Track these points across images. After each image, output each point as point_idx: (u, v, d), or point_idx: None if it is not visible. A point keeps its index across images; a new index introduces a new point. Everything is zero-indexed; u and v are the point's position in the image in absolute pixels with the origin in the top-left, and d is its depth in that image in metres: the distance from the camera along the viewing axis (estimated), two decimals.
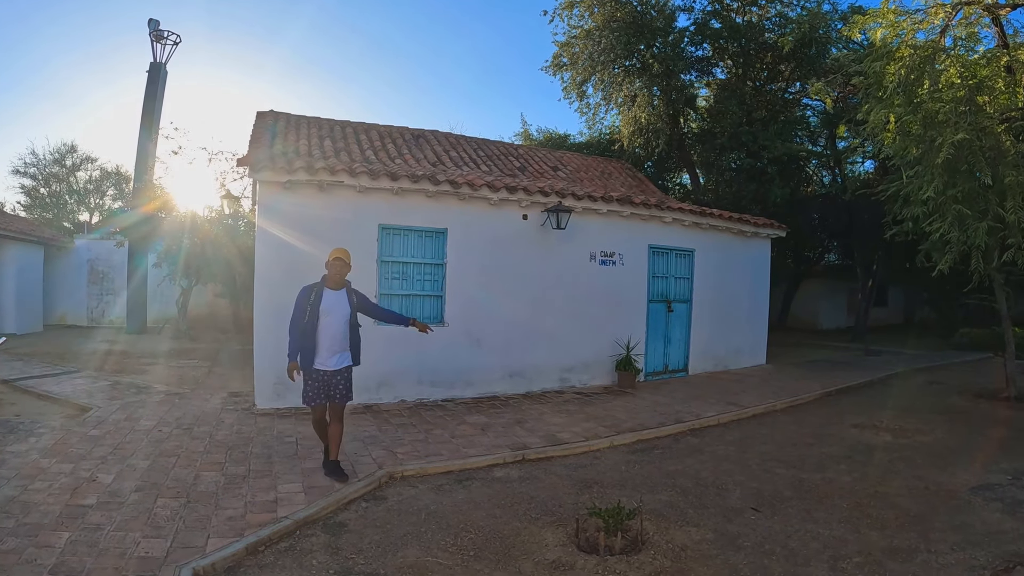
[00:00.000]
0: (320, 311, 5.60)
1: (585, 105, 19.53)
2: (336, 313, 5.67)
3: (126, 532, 4.33)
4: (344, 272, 5.81)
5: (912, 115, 8.32)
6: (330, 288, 5.75)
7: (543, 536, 4.66)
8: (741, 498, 5.58)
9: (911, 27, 8.38)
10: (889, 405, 10.07)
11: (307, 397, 5.71)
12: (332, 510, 4.99)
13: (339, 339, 5.70)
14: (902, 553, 4.41)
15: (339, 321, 5.69)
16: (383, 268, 9.13)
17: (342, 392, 5.72)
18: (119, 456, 6.07)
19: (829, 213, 20.22)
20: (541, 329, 10.30)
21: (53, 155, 29.62)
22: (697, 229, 12.35)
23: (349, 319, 5.76)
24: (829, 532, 4.78)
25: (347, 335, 5.77)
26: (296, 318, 5.65)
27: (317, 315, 5.59)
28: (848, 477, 6.21)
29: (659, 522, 4.92)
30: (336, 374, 5.68)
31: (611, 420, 8.38)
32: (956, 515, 5.18)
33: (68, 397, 8.71)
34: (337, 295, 5.75)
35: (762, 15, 18.38)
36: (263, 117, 12.23)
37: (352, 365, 5.85)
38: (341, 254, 5.80)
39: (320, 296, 5.65)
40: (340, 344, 5.71)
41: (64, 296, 18.83)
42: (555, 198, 10.04)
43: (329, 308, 5.65)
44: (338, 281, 5.80)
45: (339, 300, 5.73)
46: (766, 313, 14.41)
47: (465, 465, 6.30)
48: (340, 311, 5.70)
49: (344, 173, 8.61)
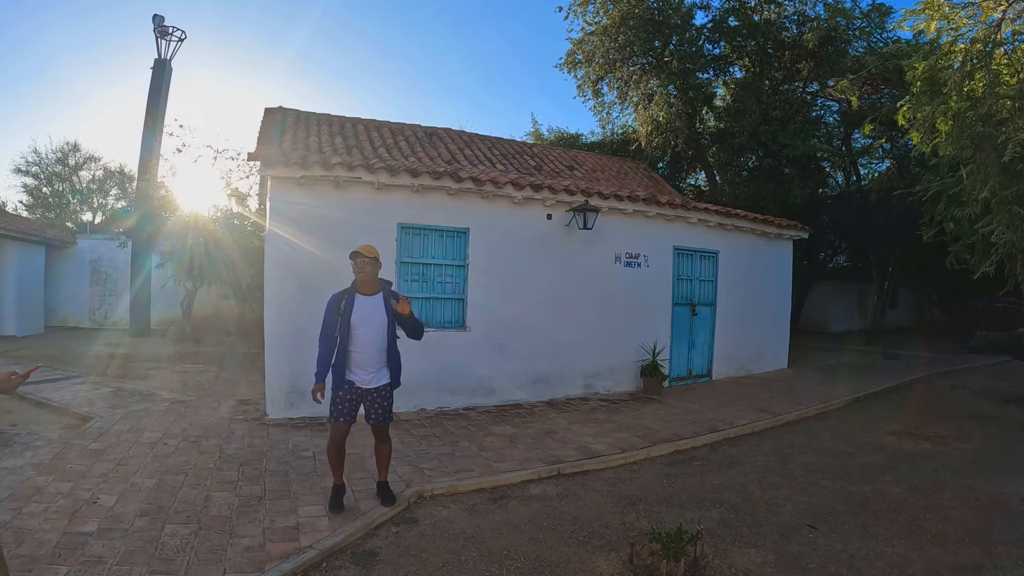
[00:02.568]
0: (351, 322, 4.80)
1: (600, 103, 19.28)
2: (371, 323, 4.84)
3: (131, 566, 3.86)
4: (372, 272, 4.90)
5: (973, 111, 7.88)
6: (362, 294, 4.91)
7: (595, 563, 4.26)
8: (794, 514, 5.30)
9: (965, 20, 7.93)
10: (919, 411, 9.89)
11: (332, 411, 4.91)
12: (360, 536, 4.53)
13: (374, 354, 4.88)
14: (969, 570, 4.27)
15: (375, 333, 4.86)
16: (402, 270, 8.69)
17: (379, 413, 4.93)
18: (122, 473, 5.61)
19: (844, 214, 19.86)
20: (565, 333, 9.88)
21: (56, 154, 29.30)
22: (721, 230, 11.94)
23: (387, 329, 4.91)
24: (892, 550, 4.55)
25: (384, 349, 4.93)
26: (324, 332, 4.88)
27: (348, 326, 4.80)
28: (897, 488, 5.99)
29: (715, 543, 4.59)
30: (373, 392, 4.90)
31: (643, 430, 7.95)
32: (1013, 527, 5.03)
33: (68, 405, 8.25)
34: (372, 301, 4.90)
35: (780, 13, 18.06)
36: (272, 113, 11.84)
37: (390, 384, 5.03)
38: (363, 250, 4.86)
39: (351, 304, 4.84)
40: (377, 360, 4.90)
41: (66, 297, 18.47)
42: (580, 197, 9.62)
43: (362, 318, 4.82)
44: (370, 284, 4.92)
45: (374, 307, 4.88)
46: (788, 316, 14.05)
47: (498, 482, 5.85)
48: (375, 321, 4.86)
49: (362, 169, 8.17)
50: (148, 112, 17.48)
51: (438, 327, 8.95)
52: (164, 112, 17.65)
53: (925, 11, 8.05)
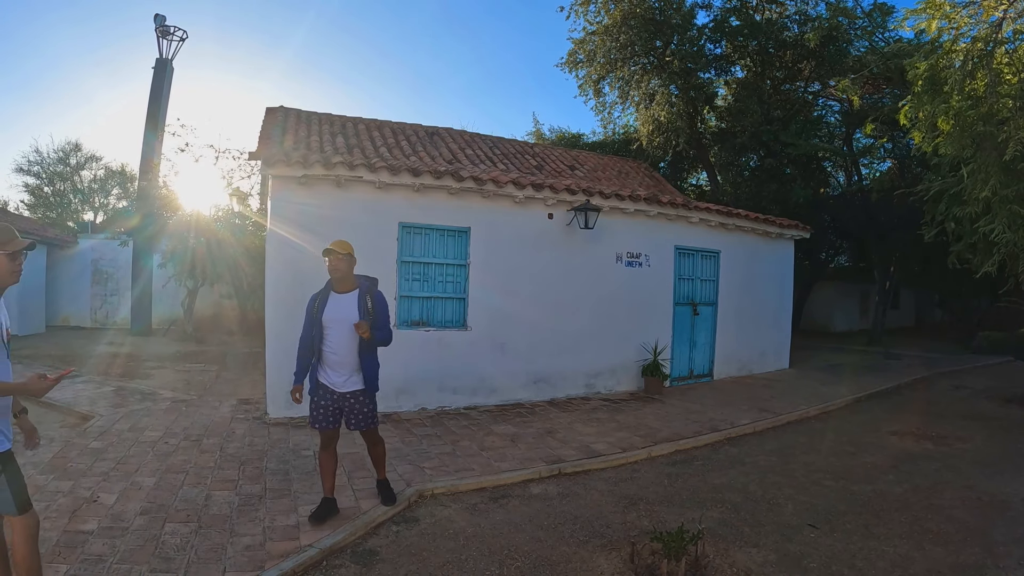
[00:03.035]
0: (323, 321, 4.54)
1: (601, 103, 19.25)
2: (340, 324, 4.53)
3: (131, 565, 3.86)
4: (346, 269, 4.58)
5: (974, 110, 7.86)
6: (337, 292, 4.63)
7: (596, 562, 4.24)
8: (795, 513, 5.28)
9: (966, 19, 7.92)
10: (921, 411, 9.89)
11: (312, 418, 4.67)
12: (361, 535, 4.52)
13: (347, 356, 4.59)
14: (970, 570, 4.26)
15: (347, 333, 4.53)
16: (403, 269, 8.68)
17: (359, 419, 4.67)
18: (123, 472, 5.61)
19: (846, 214, 19.84)
20: (566, 333, 9.87)
21: (57, 153, 29.28)
22: (723, 230, 11.93)
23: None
24: (893, 549, 4.54)
25: (355, 353, 4.60)
26: (303, 333, 4.68)
27: (320, 326, 4.56)
28: (899, 488, 5.99)
29: (717, 543, 4.57)
30: (349, 397, 4.63)
31: (645, 429, 7.94)
32: (1015, 527, 5.02)
33: (69, 404, 8.25)
34: (345, 300, 4.59)
35: (782, 12, 18.05)
36: (273, 113, 11.82)
37: (365, 390, 4.70)
38: (335, 246, 4.54)
39: (324, 303, 4.59)
40: (350, 362, 4.61)
41: (67, 297, 18.45)
42: (582, 197, 9.61)
43: (332, 317, 4.54)
44: (344, 282, 4.61)
45: (346, 307, 4.56)
46: (790, 316, 14.04)
47: (499, 481, 5.84)
48: (346, 320, 4.52)
49: (363, 168, 8.16)
50: (150, 112, 17.46)
51: (439, 326, 8.95)
52: (166, 112, 17.64)
53: (926, 10, 8.05)
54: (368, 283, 4.70)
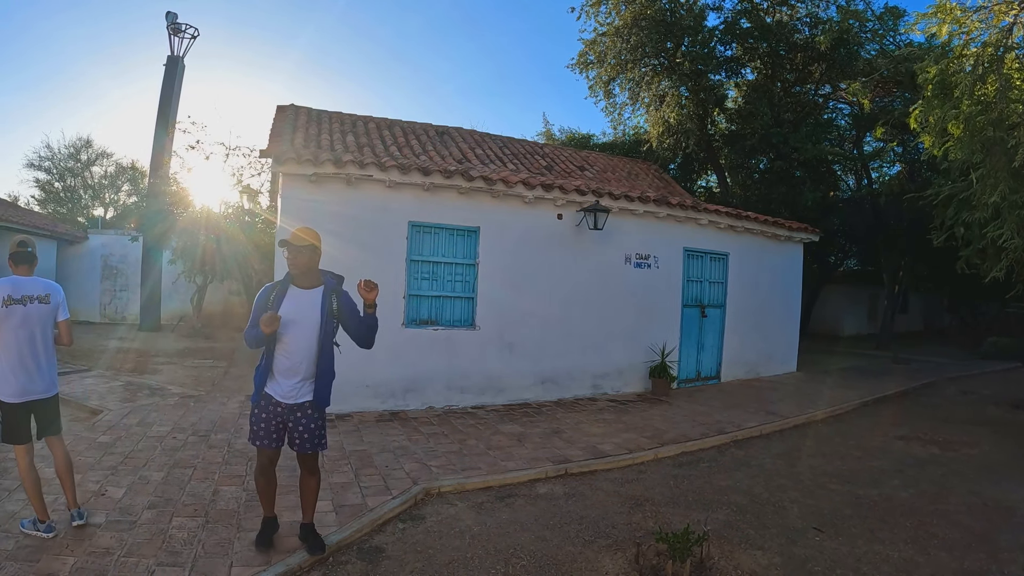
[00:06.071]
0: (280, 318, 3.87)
1: (611, 104, 19.21)
2: (302, 324, 3.90)
3: (139, 558, 3.88)
4: (308, 261, 3.99)
5: (984, 115, 7.83)
6: (297, 286, 4.02)
7: (601, 562, 4.25)
8: (801, 517, 5.27)
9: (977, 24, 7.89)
10: (928, 416, 9.85)
11: (252, 433, 4.00)
12: (367, 532, 4.55)
13: (302, 362, 3.92)
14: None
15: (306, 336, 3.91)
16: (412, 268, 8.71)
17: (304, 438, 3.97)
18: (131, 466, 5.65)
19: (855, 217, 19.76)
20: (574, 333, 9.88)
21: (68, 149, 29.51)
22: (732, 232, 11.90)
23: (319, 332, 3.93)
24: (898, 554, 4.52)
25: (314, 356, 3.95)
26: (247, 329, 3.98)
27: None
28: (905, 493, 5.97)
29: (722, 544, 4.56)
30: (296, 410, 3.95)
31: (651, 430, 7.93)
32: (1020, 533, 5.00)
33: (78, 399, 8.31)
34: (307, 296, 3.98)
35: (792, 15, 17.96)
36: (284, 110, 11.85)
37: (314, 402, 4.01)
38: (297, 234, 3.98)
39: (281, 298, 3.94)
40: (304, 370, 3.94)
41: (77, 292, 18.51)
42: (591, 197, 9.62)
43: (291, 314, 3.88)
44: (307, 277, 4.02)
45: (308, 305, 3.95)
46: (798, 319, 13.97)
47: (505, 480, 5.85)
48: (307, 319, 3.92)
49: (373, 167, 8.19)
50: (161, 109, 17.57)
51: (448, 325, 8.97)
52: (176, 109, 17.74)
53: (937, 14, 8.00)
54: (335, 280, 4.11)
